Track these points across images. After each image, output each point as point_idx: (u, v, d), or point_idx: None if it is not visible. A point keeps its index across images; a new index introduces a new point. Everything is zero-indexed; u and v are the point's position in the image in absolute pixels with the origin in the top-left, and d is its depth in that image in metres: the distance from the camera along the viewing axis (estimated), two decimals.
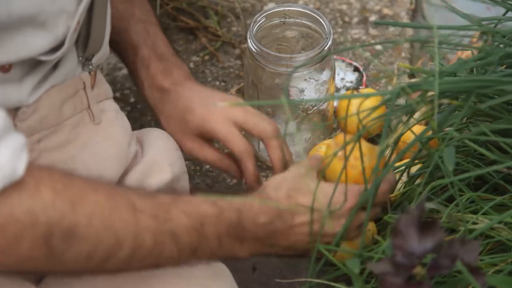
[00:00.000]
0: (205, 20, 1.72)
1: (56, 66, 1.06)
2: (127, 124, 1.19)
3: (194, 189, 1.44)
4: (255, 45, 1.33)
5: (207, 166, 1.47)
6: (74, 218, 0.87)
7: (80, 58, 1.09)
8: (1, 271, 0.92)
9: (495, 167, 0.96)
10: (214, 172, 1.46)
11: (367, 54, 1.68)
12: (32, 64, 1.01)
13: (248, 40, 1.34)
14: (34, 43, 0.98)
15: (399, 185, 1.22)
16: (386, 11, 1.79)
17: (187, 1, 1.72)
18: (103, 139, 1.13)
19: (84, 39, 1.09)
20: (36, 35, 0.97)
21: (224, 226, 0.98)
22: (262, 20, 1.36)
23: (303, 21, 1.38)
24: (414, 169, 1.24)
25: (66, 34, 1.01)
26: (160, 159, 1.17)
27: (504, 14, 1.19)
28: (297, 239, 1.05)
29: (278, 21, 1.37)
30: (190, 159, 1.47)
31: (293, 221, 1.04)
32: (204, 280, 1.02)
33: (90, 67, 1.11)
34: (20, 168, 0.84)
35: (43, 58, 1.00)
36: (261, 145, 1.35)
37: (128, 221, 0.90)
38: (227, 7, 1.76)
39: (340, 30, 1.74)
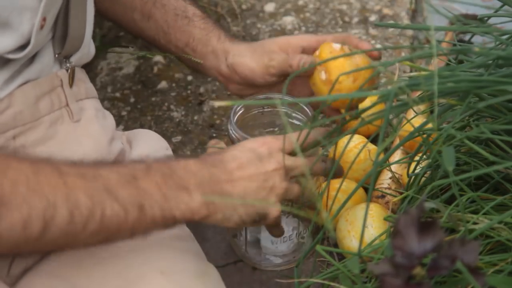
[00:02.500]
0: None
1: (31, 61, 1.06)
2: (110, 122, 1.19)
3: None
4: (236, 132, 1.23)
5: None
6: None
7: (57, 56, 1.10)
8: None
9: (495, 167, 0.96)
10: None
11: None
12: (3, 61, 1.02)
13: (229, 128, 1.24)
14: None
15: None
16: (386, 11, 1.79)
17: None
18: (81, 137, 1.12)
19: (62, 37, 1.09)
20: (0, 34, 0.98)
21: (158, 177, 0.96)
22: (241, 112, 1.27)
23: (283, 109, 1.29)
24: (414, 168, 1.24)
25: (32, 31, 1.01)
26: (147, 156, 1.17)
27: (500, 8, 1.19)
28: (244, 185, 1.04)
29: (257, 111, 1.32)
30: None
31: (227, 164, 1.03)
32: (188, 279, 1.02)
33: (68, 65, 1.11)
34: None
35: (11, 56, 1.01)
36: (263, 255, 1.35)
37: (55, 183, 0.89)
38: (226, 8, 1.76)
39: (340, 30, 1.74)
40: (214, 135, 1.52)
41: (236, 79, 1.31)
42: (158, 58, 1.68)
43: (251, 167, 1.04)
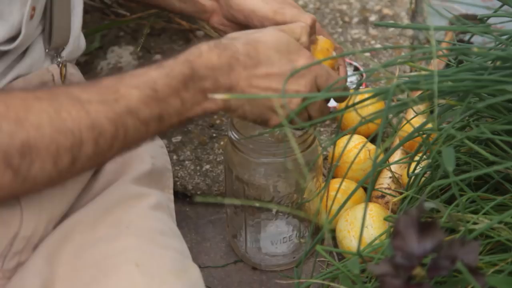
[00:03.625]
0: (200, 22, 1.71)
1: (22, 56, 1.06)
2: None
3: (194, 190, 1.45)
4: (236, 134, 1.23)
5: (207, 166, 1.46)
6: (24, 134, 0.88)
7: (47, 51, 1.10)
8: None
9: (495, 167, 0.96)
10: (214, 172, 1.45)
11: (367, 54, 1.68)
12: None
13: (229, 130, 1.24)
14: None
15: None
16: (386, 11, 1.78)
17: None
18: None
19: (50, 30, 1.09)
20: None
21: (178, 82, 0.98)
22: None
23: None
24: (414, 168, 1.24)
25: (22, 21, 1.01)
26: (141, 150, 1.17)
27: (499, 8, 1.19)
28: (260, 87, 1.05)
29: None
30: (189, 159, 1.47)
31: (253, 67, 1.04)
32: (163, 275, 1.01)
33: (59, 59, 1.12)
34: None
35: (2, 48, 1.01)
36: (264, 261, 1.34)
37: (78, 116, 0.91)
38: None
39: (340, 30, 1.74)
40: (214, 135, 1.52)
41: (227, 13, 1.26)
42: (158, 58, 1.68)
43: (277, 82, 1.05)
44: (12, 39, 1.02)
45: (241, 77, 1.04)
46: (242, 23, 1.24)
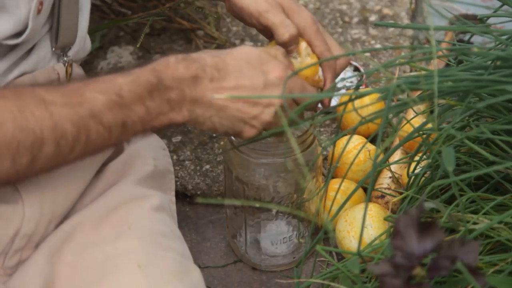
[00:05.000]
0: (202, 22, 1.71)
1: (28, 53, 1.07)
2: None
3: (194, 190, 1.45)
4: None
5: (207, 166, 1.47)
6: None
7: (54, 49, 1.11)
8: None
9: (495, 167, 0.96)
10: (214, 172, 1.45)
11: (367, 54, 1.68)
12: (4, 50, 1.02)
13: None
14: None
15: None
16: (386, 11, 1.78)
17: (184, 1, 1.72)
18: None
19: (56, 30, 1.10)
20: None
21: (144, 89, 0.98)
22: None
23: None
24: (414, 168, 1.24)
25: (29, 16, 1.01)
26: (143, 151, 1.18)
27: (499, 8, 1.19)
28: (231, 103, 1.03)
29: None
30: (189, 159, 1.47)
31: (221, 79, 1.03)
32: (165, 276, 1.02)
33: (65, 59, 1.12)
34: None
35: (9, 42, 1.01)
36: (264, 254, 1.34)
37: (41, 116, 0.91)
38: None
39: (340, 30, 1.74)
40: (214, 135, 1.52)
41: (229, 3, 1.23)
42: (158, 58, 1.68)
43: (247, 93, 1.04)
44: (19, 34, 1.02)
45: (207, 89, 1.02)
46: (237, 16, 1.22)
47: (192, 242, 1.38)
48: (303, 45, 1.17)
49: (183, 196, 1.46)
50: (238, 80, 1.03)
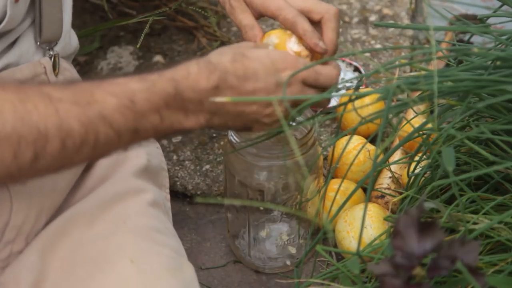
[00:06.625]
0: (204, 21, 1.71)
1: (11, 46, 1.06)
2: None
3: (194, 189, 1.45)
4: (237, 137, 1.22)
5: (207, 166, 1.47)
6: None
7: (39, 43, 1.10)
8: None
9: (495, 167, 0.96)
10: (214, 172, 1.45)
11: (367, 54, 1.68)
12: None
13: (229, 134, 1.23)
14: None
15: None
16: (386, 11, 1.78)
17: (186, 1, 1.72)
18: None
19: (39, 24, 1.09)
20: None
21: (160, 98, 0.95)
22: None
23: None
24: (414, 168, 1.24)
25: (6, 4, 1.01)
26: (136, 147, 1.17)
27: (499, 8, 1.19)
28: (247, 108, 1.03)
29: None
30: (189, 159, 1.47)
31: (240, 85, 1.01)
32: (158, 271, 1.01)
33: (51, 53, 1.11)
34: None
35: None
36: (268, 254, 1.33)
37: (45, 111, 0.87)
38: None
39: (340, 30, 1.74)
40: (214, 135, 1.52)
41: None
42: (158, 58, 1.68)
43: (262, 94, 1.02)
44: None
45: (226, 97, 1.01)
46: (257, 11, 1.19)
47: (192, 242, 1.38)
48: (271, 37, 1.15)
49: (183, 196, 1.46)
50: (254, 84, 1.02)
